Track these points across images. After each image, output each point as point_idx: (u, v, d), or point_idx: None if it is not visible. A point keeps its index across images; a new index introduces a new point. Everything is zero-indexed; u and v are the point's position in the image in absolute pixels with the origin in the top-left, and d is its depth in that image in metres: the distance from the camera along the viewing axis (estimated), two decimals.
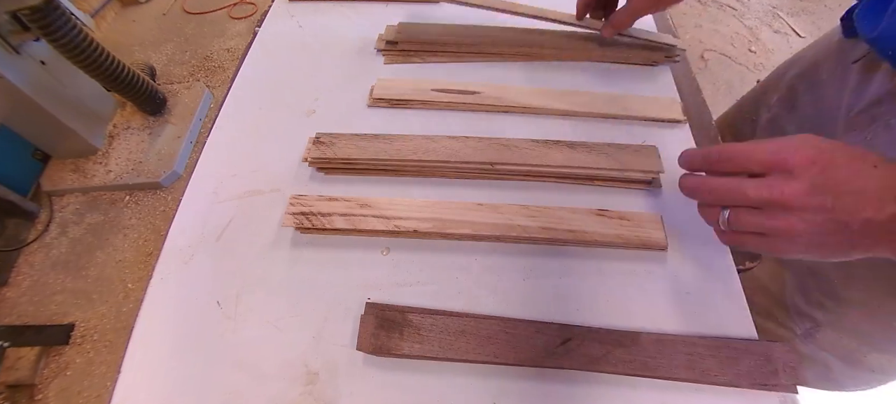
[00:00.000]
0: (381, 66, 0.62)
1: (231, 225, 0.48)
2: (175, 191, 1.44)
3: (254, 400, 0.38)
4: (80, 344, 1.17)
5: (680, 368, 0.37)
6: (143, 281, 1.03)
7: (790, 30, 1.72)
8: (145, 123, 1.52)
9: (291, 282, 0.44)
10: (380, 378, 0.39)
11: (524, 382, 0.38)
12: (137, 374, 0.40)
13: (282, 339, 0.41)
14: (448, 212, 0.45)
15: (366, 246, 0.46)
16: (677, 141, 0.53)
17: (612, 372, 0.38)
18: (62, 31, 1.14)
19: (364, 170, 0.50)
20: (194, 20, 2.04)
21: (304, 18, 0.70)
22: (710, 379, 0.37)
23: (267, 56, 0.66)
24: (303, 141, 0.55)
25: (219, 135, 0.57)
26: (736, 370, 0.36)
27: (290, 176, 0.52)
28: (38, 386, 1.11)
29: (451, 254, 0.45)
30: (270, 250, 0.46)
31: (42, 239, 1.36)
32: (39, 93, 1.24)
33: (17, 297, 1.25)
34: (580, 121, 0.55)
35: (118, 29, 2.02)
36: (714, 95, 1.57)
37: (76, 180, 1.43)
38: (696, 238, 0.44)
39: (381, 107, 0.57)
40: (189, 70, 1.82)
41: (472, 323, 0.40)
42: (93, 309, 1.22)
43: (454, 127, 0.55)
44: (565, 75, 0.60)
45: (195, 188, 0.52)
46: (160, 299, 0.44)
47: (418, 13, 0.69)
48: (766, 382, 0.36)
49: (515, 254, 0.45)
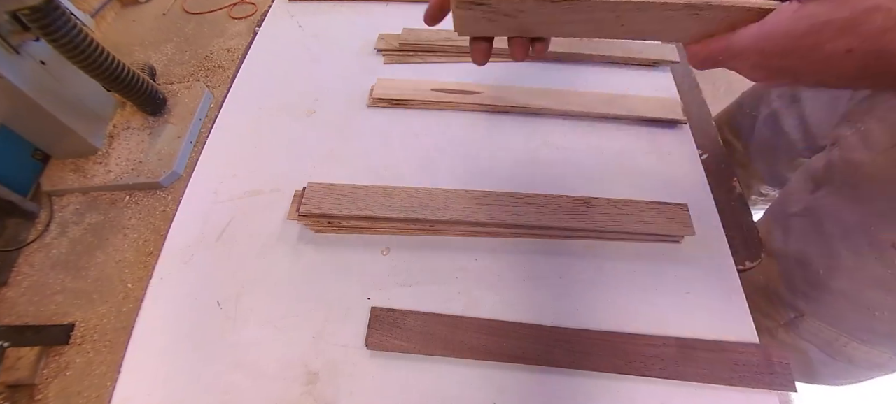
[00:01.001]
0: (381, 65, 0.62)
1: (231, 225, 0.48)
2: (175, 191, 1.44)
3: (254, 400, 0.38)
4: (80, 344, 1.17)
5: (679, 367, 0.37)
6: (143, 281, 1.02)
7: None
8: (145, 123, 1.52)
9: (291, 282, 0.44)
10: (380, 378, 0.39)
11: (524, 383, 0.38)
12: (137, 374, 0.40)
13: (282, 339, 0.41)
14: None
15: (366, 246, 0.46)
16: (677, 141, 0.53)
17: (611, 372, 0.38)
18: (62, 31, 1.14)
19: (360, 230, 0.46)
20: (194, 20, 2.04)
21: (304, 18, 0.70)
22: (709, 379, 0.37)
23: (267, 56, 0.66)
24: (303, 141, 0.55)
25: (219, 135, 0.56)
26: (734, 370, 0.37)
27: (290, 176, 0.52)
28: (38, 386, 1.11)
29: (450, 252, 0.45)
30: (270, 250, 0.46)
31: (42, 239, 1.36)
32: (39, 93, 1.24)
33: (17, 297, 1.25)
34: (580, 121, 0.55)
35: (118, 29, 2.02)
36: (714, 95, 1.57)
37: (76, 180, 1.43)
38: (697, 242, 0.44)
39: (380, 107, 0.57)
40: (189, 70, 1.81)
41: (473, 323, 0.40)
42: (93, 309, 1.22)
43: (454, 127, 0.55)
44: (565, 75, 0.60)
45: (195, 188, 0.52)
46: (160, 299, 0.44)
47: (418, 13, 0.69)
48: (765, 383, 0.36)
49: (515, 252, 0.45)
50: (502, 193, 0.44)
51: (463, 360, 0.39)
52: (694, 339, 0.39)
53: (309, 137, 0.55)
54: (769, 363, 0.37)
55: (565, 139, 0.53)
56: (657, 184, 0.49)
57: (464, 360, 0.39)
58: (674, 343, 0.38)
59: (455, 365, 0.39)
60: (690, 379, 0.37)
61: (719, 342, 0.38)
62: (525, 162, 0.52)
